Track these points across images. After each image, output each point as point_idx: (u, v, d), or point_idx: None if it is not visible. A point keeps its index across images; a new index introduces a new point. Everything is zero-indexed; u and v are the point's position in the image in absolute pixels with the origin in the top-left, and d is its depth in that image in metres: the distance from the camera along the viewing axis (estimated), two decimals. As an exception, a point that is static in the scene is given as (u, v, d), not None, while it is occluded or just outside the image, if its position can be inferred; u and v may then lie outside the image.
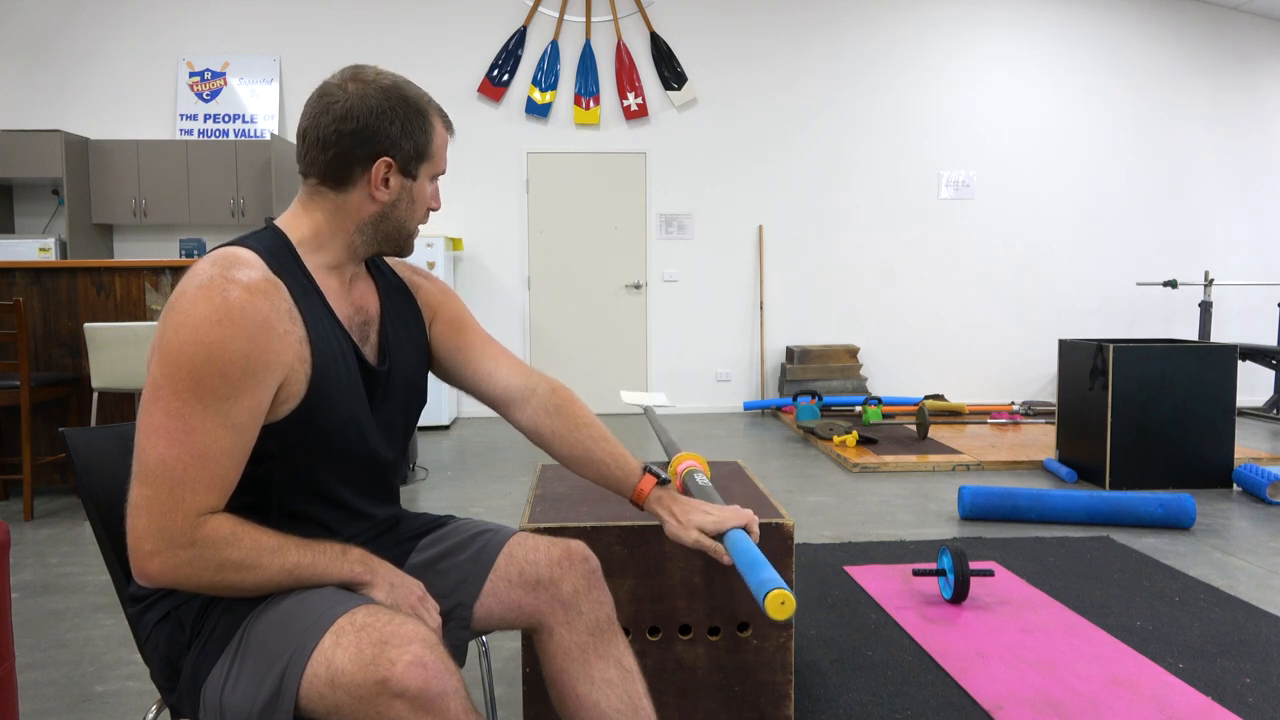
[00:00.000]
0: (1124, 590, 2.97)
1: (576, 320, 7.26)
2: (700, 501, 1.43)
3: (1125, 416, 4.42)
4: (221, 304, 1.11)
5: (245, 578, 1.13)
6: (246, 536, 1.13)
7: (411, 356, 1.41)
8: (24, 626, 2.73)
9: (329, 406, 1.22)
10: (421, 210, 1.33)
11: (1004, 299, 7.54)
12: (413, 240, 1.35)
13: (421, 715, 1.07)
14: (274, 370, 1.15)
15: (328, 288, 1.27)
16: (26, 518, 4.01)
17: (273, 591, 1.17)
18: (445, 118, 1.34)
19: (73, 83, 6.87)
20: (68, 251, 6.38)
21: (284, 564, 1.15)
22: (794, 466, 5.09)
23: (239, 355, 1.11)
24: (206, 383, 1.09)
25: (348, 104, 1.23)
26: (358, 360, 1.29)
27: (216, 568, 1.11)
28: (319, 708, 1.11)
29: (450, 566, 1.40)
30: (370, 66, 1.29)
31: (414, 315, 1.44)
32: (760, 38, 7.25)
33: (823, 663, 2.40)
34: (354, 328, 1.30)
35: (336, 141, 1.23)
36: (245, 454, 1.15)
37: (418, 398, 1.43)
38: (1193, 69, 7.57)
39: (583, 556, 1.40)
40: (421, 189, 1.31)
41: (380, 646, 1.08)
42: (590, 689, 1.33)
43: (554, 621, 1.36)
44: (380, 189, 1.26)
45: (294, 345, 1.17)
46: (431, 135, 1.29)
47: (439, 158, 1.33)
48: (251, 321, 1.12)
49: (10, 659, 1.57)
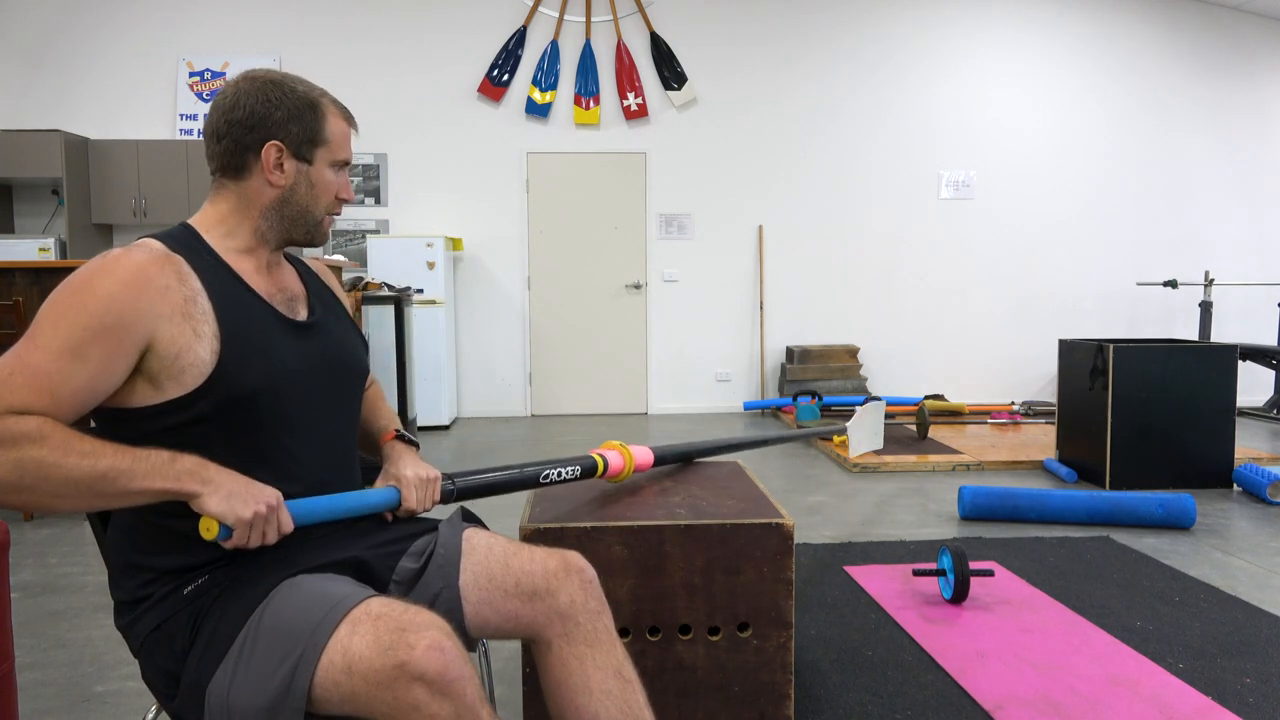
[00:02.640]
0: (1124, 590, 2.97)
1: (576, 320, 7.26)
2: (413, 460, 1.51)
3: (1125, 416, 4.42)
4: (101, 262, 1.19)
5: (48, 476, 1.08)
6: (56, 435, 1.10)
7: (340, 326, 1.47)
8: (24, 626, 2.73)
9: (247, 360, 1.25)
10: (325, 196, 1.38)
11: (1004, 299, 7.54)
12: (323, 228, 1.39)
13: (439, 699, 1.07)
14: (141, 319, 1.17)
15: (241, 268, 1.33)
16: (26, 518, 4.00)
17: (80, 499, 1.11)
18: (343, 109, 1.39)
19: (73, 83, 6.87)
20: (68, 251, 6.38)
21: (95, 466, 1.10)
22: (794, 466, 5.09)
23: (104, 294, 1.16)
24: (65, 313, 1.15)
25: (235, 97, 1.31)
26: (278, 318, 1.34)
27: (15, 464, 1.07)
28: (333, 696, 1.11)
29: (432, 561, 1.40)
30: (266, 68, 1.37)
31: (334, 299, 1.51)
32: (760, 38, 7.25)
33: (823, 663, 2.40)
34: (277, 302, 1.36)
35: (228, 132, 1.31)
36: (92, 391, 1.16)
37: (355, 363, 1.46)
38: (1193, 69, 7.57)
39: (579, 567, 1.39)
40: (320, 174, 1.36)
41: (398, 633, 1.10)
42: (589, 700, 1.32)
43: (551, 633, 1.35)
44: (274, 173, 1.32)
45: (176, 302, 1.21)
46: (323, 122, 1.35)
47: (336, 145, 1.37)
48: (127, 271, 1.18)
49: (10, 659, 1.57)
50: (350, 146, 1.40)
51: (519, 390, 7.24)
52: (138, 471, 1.13)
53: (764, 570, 1.84)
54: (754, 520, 1.83)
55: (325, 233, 1.40)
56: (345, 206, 6.43)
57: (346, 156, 1.39)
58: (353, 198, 1.43)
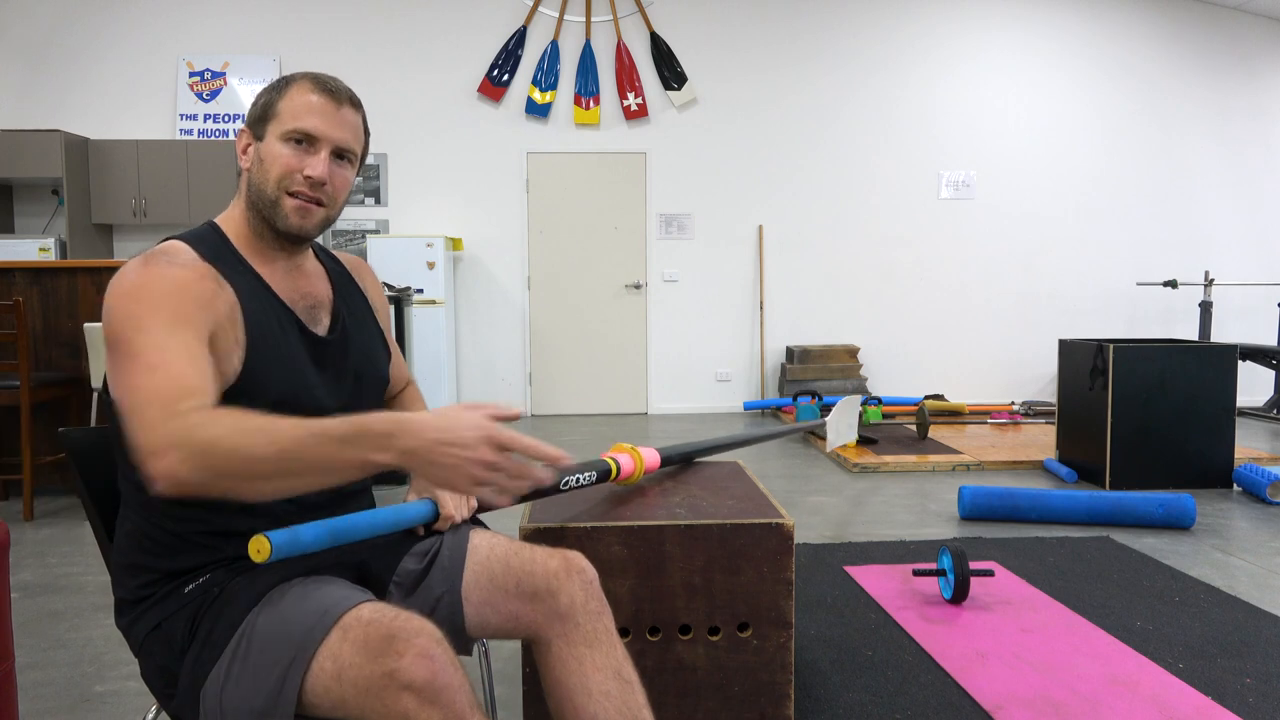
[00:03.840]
0: (1124, 590, 2.97)
1: (576, 320, 7.26)
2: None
3: (1125, 416, 4.42)
4: (142, 267, 1.20)
5: (253, 450, 1.04)
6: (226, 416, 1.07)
7: (363, 335, 1.46)
8: (24, 626, 2.73)
9: (268, 370, 1.25)
10: (275, 169, 1.28)
11: (1004, 299, 7.54)
12: (281, 209, 1.28)
13: (429, 708, 1.07)
14: (205, 311, 1.19)
15: (264, 272, 1.33)
16: (26, 518, 4.00)
17: (292, 466, 1.06)
18: (318, 82, 1.31)
19: (73, 83, 6.87)
20: (68, 251, 6.38)
21: (297, 431, 1.06)
22: (794, 466, 5.09)
23: (164, 292, 1.17)
24: (141, 317, 1.15)
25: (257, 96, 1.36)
26: (300, 330, 1.33)
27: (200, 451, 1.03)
28: (324, 702, 1.11)
29: (435, 563, 1.40)
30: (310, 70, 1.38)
31: (363, 303, 1.50)
32: (760, 39, 7.25)
33: (823, 663, 2.40)
34: (300, 309, 1.35)
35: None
36: (207, 366, 1.16)
37: (374, 372, 1.45)
38: (1193, 69, 7.57)
39: (580, 568, 1.39)
40: (269, 148, 1.29)
41: (388, 640, 1.09)
42: (589, 701, 1.31)
43: (551, 633, 1.35)
44: (242, 157, 1.34)
45: (221, 305, 1.22)
46: (280, 97, 1.31)
47: (288, 116, 1.28)
48: (174, 278, 1.20)
49: (10, 659, 1.57)
50: (315, 119, 1.28)
51: (519, 390, 7.24)
52: (331, 431, 1.07)
53: (764, 570, 1.84)
54: (754, 520, 1.83)
55: (285, 214, 1.29)
56: (345, 206, 6.41)
57: (302, 125, 1.27)
58: (319, 174, 1.28)
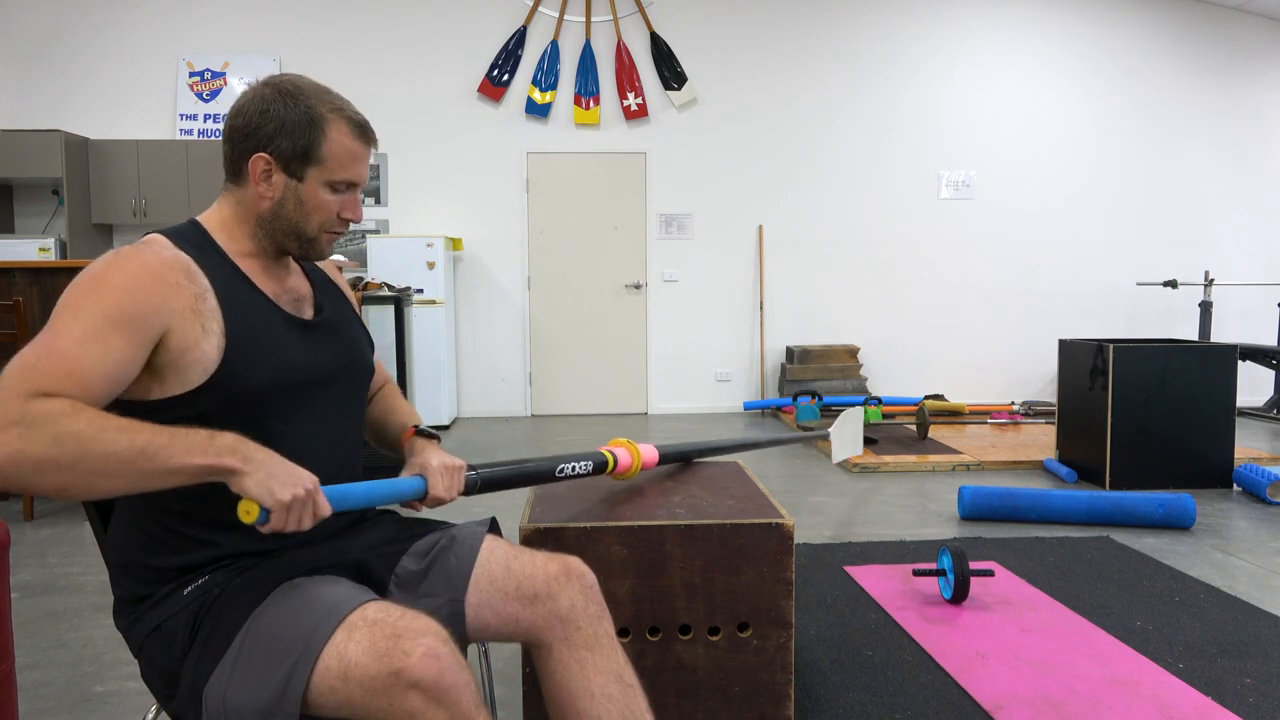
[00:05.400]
0: (1124, 590, 2.97)
1: (576, 320, 7.26)
2: (436, 450, 1.49)
3: (1125, 416, 4.41)
4: (114, 257, 1.20)
5: (87, 451, 1.03)
6: (88, 412, 1.06)
7: (347, 324, 1.47)
8: (24, 626, 2.73)
9: (252, 358, 1.25)
10: (318, 215, 1.32)
11: (1004, 298, 7.53)
12: (318, 246, 1.35)
13: (435, 707, 1.07)
14: (158, 312, 1.17)
15: (247, 268, 1.33)
16: (26, 518, 4.01)
17: (120, 478, 1.06)
18: (357, 127, 1.32)
19: (73, 83, 6.87)
20: (68, 251, 6.38)
21: (134, 441, 1.06)
22: (794, 466, 5.09)
23: (120, 286, 1.16)
24: (84, 303, 1.14)
25: (243, 102, 1.30)
26: (285, 316, 1.34)
27: (53, 440, 1.02)
28: (329, 702, 1.11)
29: (439, 565, 1.40)
30: (295, 75, 1.34)
31: (341, 297, 1.52)
32: (760, 39, 7.25)
33: (823, 663, 2.40)
34: (283, 301, 1.36)
35: (229, 137, 1.31)
36: (116, 378, 1.13)
37: (361, 358, 1.46)
38: (1194, 70, 7.57)
39: (580, 572, 1.39)
40: (312, 192, 1.31)
41: (394, 639, 1.10)
42: (591, 704, 1.32)
43: (551, 637, 1.35)
44: (261, 184, 1.30)
45: (186, 298, 1.21)
46: (321, 139, 1.29)
47: (336, 165, 1.30)
48: (140, 266, 1.19)
49: (10, 659, 1.57)
50: (359, 167, 1.33)
51: (519, 390, 7.24)
52: (177, 447, 1.07)
53: (764, 570, 1.84)
54: (754, 520, 1.83)
55: (322, 250, 1.36)
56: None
57: (349, 177, 1.32)
58: (359, 217, 1.36)
